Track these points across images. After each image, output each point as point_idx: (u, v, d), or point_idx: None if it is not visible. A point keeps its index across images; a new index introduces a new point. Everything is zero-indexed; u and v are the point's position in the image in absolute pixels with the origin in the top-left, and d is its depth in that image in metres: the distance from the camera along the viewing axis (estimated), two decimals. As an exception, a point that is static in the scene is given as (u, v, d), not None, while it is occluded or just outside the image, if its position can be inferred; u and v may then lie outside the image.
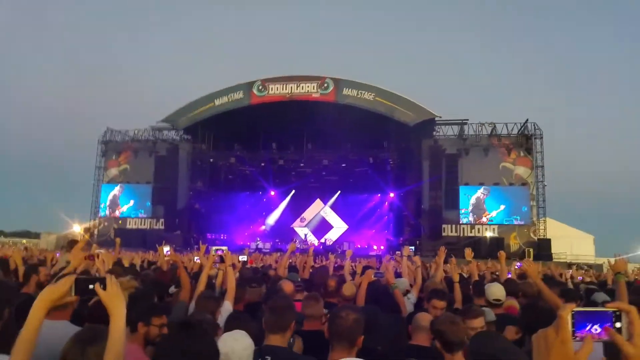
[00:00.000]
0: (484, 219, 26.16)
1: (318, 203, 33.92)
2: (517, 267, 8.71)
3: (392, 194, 29.19)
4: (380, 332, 2.49)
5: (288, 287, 4.23)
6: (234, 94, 28.49)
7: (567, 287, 5.50)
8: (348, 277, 5.90)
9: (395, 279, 5.08)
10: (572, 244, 26.59)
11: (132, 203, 30.27)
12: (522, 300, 4.54)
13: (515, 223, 25.90)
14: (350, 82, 27.33)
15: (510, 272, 6.76)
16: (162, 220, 28.99)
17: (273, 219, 33.72)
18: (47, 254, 10.52)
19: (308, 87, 27.70)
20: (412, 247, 7.07)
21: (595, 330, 0.96)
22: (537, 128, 26.40)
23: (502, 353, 1.49)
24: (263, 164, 29.83)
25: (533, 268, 4.12)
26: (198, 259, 6.74)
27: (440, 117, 26.74)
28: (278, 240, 29.42)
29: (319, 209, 33.88)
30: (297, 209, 33.86)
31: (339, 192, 32.54)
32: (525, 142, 26.48)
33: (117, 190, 30.55)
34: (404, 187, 27.90)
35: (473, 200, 26.39)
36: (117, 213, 30.38)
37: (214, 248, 4.76)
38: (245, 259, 7.35)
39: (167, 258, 5.84)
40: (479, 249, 21.44)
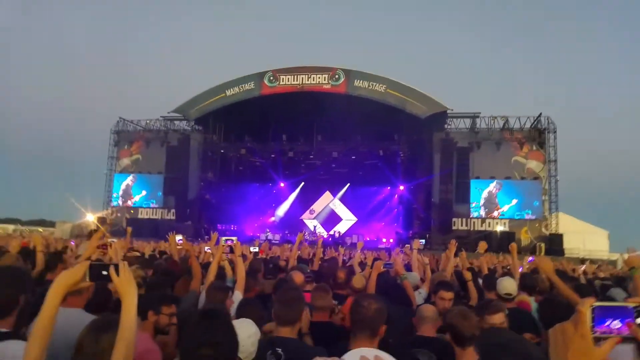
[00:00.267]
0: (496, 213, 25.97)
1: (327, 195, 33.91)
2: (529, 261, 8.65)
3: (402, 187, 29.04)
4: (391, 324, 2.49)
5: (298, 278, 4.24)
6: (245, 85, 28.45)
7: (579, 282, 5.43)
8: (357, 268, 5.90)
9: (406, 273, 5.07)
10: (585, 239, 26.21)
11: (144, 193, 30.52)
12: (537, 297, 4.52)
13: (527, 217, 25.67)
14: (362, 73, 27.12)
15: (522, 266, 6.70)
16: (173, 211, 29.24)
17: (283, 211, 33.80)
18: (64, 243, 10.68)
19: (319, 78, 27.57)
20: (422, 240, 7.04)
21: (615, 326, 0.94)
22: (550, 122, 26.06)
23: (513, 343, 1.47)
24: (273, 156, 29.84)
25: (547, 264, 4.06)
26: (209, 249, 6.77)
27: (452, 109, 26.47)
28: (287, 232, 29.50)
29: (328, 201, 33.87)
30: (306, 201, 33.88)
31: (349, 184, 32.48)
32: (538, 136, 26.14)
33: (129, 180, 30.82)
34: (414, 180, 27.75)
35: (485, 194, 26.17)
36: (129, 203, 30.67)
37: (224, 238, 4.77)
38: (257, 250, 7.38)
39: (179, 247, 5.87)
40: (490, 243, 21.23)
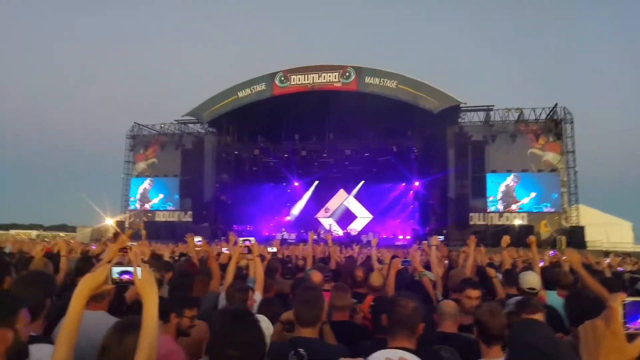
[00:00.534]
0: (514, 207, 25.63)
1: (342, 193, 33.87)
2: (550, 254, 8.50)
3: (417, 183, 28.88)
4: None
5: (317, 277, 4.23)
6: (257, 86, 28.56)
7: (604, 276, 5.32)
8: (376, 264, 5.85)
9: (424, 270, 5.02)
10: (608, 232, 25.71)
11: (161, 196, 30.83)
12: (558, 290, 4.43)
13: (545, 210, 25.26)
14: (372, 70, 27.01)
15: (543, 260, 6.59)
16: (190, 213, 29.49)
17: (297, 210, 33.88)
18: (85, 247, 10.86)
19: (329, 76, 27.53)
20: (440, 236, 6.98)
21: None
22: (567, 112, 25.59)
23: (545, 344, 1.42)
24: (286, 155, 29.89)
25: (574, 256, 3.97)
26: (227, 250, 6.80)
27: (465, 103, 26.22)
28: (303, 231, 29.52)
29: (343, 199, 33.83)
30: (321, 200, 33.90)
31: (363, 181, 32.39)
32: (555, 127, 25.70)
33: (147, 184, 31.16)
34: (429, 175, 27.55)
35: (502, 188, 25.84)
36: (147, 206, 31.00)
37: (242, 239, 4.78)
38: (275, 250, 7.39)
39: (198, 249, 5.92)
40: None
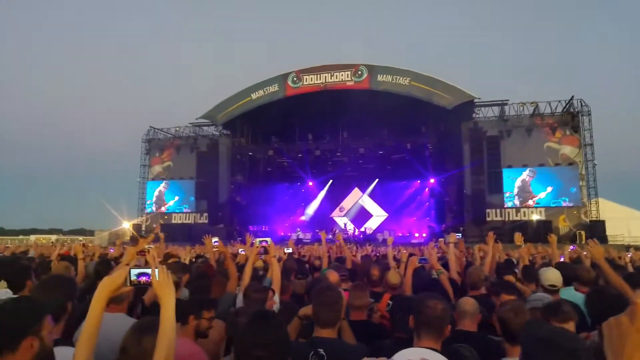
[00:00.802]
0: (531, 202, 25.29)
1: (356, 192, 33.83)
2: (570, 249, 8.35)
3: (432, 180, 28.68)
4: None
5: (333, 276, 4.22)
6: (270, 87, 28.70)
7: (627, 271, 5.22)
8: (392, 262, 5.82)
9: (441, 268, 4.99)
10: (629, 226, 25.16)
11: (176, 199, 31.17)
12: (577, 286, 4.34)
13: (564, 205, 24.86)
14: (385, 67, 26.91)
15: (563, 256, 6.49)
16: (205, 215, 29.75)
17: (312, 209, 33.93)
18: (103, 250, 11.04)
19: (342, 75, 27.52)
20: (458, 234, 6.92)
21: None
22: (584, 104, 25.16)
23: (558, 336, 1.40)
24: (300, 155, 29.97)
25: (598, 250, 3.87)
26: (243, 251, 6.84)
27: (480, 98, 25.95)
28: (318, 231, 29.46)
29: (358, 198, 33.78)
30: (335, 199, 33.92)
31: (377, 180, 32.28)
32: (571, 120, 25.30)
33: (162, 187, 31.52)
34: (445, 172, 27.36)
35: (518, 183, 25.52)
36: (163, 209, 31.36)
37: (258, 240, 4.80)
38: (291, 251, 7.40)
39: (215, 249, 5.97)
40: (526, 233, 20.66)
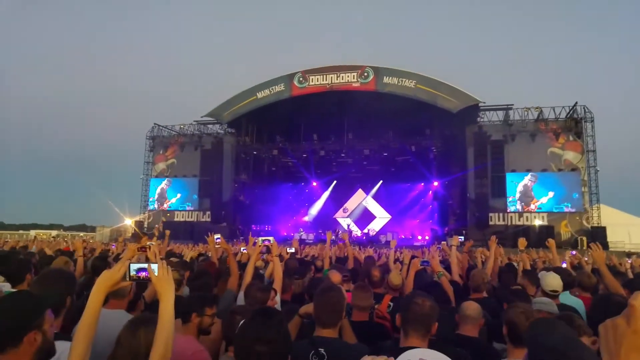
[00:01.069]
0: (532, 207, 25.23)
1: (360, 193, 33.79)
2: (571, 254, 8.34)
3: (436, 183, 28.63)
4: (438, 322, 2.44)
5: (336, 277, 4.22)
6: (276, 87, 28.71)
7: (627, 277, 5.20)
8: (392, 266, 5.83)
9: (442, 270, 4.99)
10: (630, 232, 25.13)
11: (179, 196, 31.17)
12: (579, 292, 4.34)
13: (566, 210, 24.80)
14: (391, 70, 26.88)
15: (565, 261, 6.47)
16: (208, 213, 29.73)
17: (316, 210, 33.91)
18: (105, 246, 11.10)
19: (348, 76, 27.50)
20: (461, 237, 6.88)
21: None
22: (587, 111, 25.11)
23: (564, 345, 1.39)
24: (305, 155, 29.97)
25: (600, 255, 3.85)
26: (245, 250, 6.85)
27: (485, 102, 25.91)
28: (321, 231, 29.55)
29: (361, 199, 33.74)
30: (339, 200, 33.88)
31: (381, 181, 32.24)
32: (575, 125, 25.27)
33: (164, 184, 31.54)
34: (448, 175, 27.31)
35: (520, 188, 25.47)
36: (165, 206, 31.38)
37: (261, 239, 4.81)
38: (294, 251, 7.40)
39: (217, 246, 5.98)
40: (528, 238, 20.45)
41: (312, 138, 28.60)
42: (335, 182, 32.98)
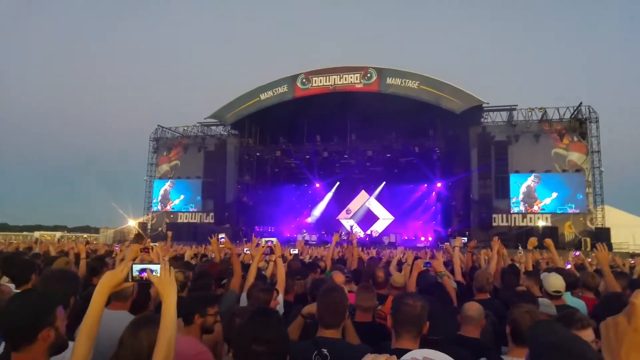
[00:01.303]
0: (536, 208, 25.16)
1: (363, 194, 33.75)
2: (575, 255, 8.32)
3: (439, 184, 28.57)
4: (441, 322, 2.44)
5: (339, 277, 4.22)
6: (279, 88, 28.75)
7: (631, 278, 5.19)
8: (394, 272, 5.82)
9: (445, 270, 4.98)
10: (634, 233, 25.00)
11: (182, 197, 31.25)
12: (580, 292, 4.32)
13: (570, 211, 24.72)
14: (394, 70, 26.88)
15: (569, 262, 6.45)
16: (211, 214, 29.78)
17: (319, 211, 33.90)
18: (109, 248, 11.14)
19: (351, 77, 27.52)
20: (464, 238, 6.90)
21: None
22: (592, 111, 25.04)
23: (565, 343, 1.39)
24: (308, 156, 29.98)
25: (604, 255, 3.83)
26: (248, 251, 6.85)
27: (488, 103, 25.89)
28: (324, 232, 29.55)
29: (364, 201, 33.71)
30: (342, 201, 33.86)
31: (384, 182, 32.23)
32: (579, 126, 25.18)
33: (168, 186, 31.62)
34: (452, 176, 27.27)
35: (523, 189, 25.41)
36: (168, 207, 31.44)
37: (265, 239, 4.81)
38: (297, 252, 7.40)
39: (222, 246, 5.98)
40: (532, 239, 20.65)
41: (315, 139, 28.61)
42: (338, 183, 32.98)
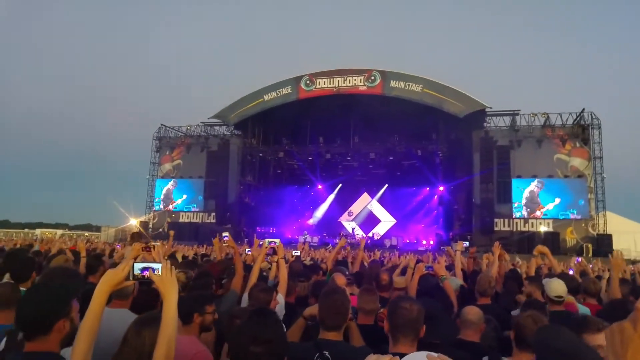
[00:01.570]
0: (538, 213, 25.12)
1: (365, 197, 33.74)
2: (576, 261, 8.30)
3: (441, 187, 28.53)
4: (441, 325, 2.43)
5: (340, 280, 4.21)
6: (283, 89, 28.76)
7: (635, 285, 5.18)
8: (396, 279, 5.82)
9: (449, 277, 4.98)
10: (636, 240, 24.95)
11: (185, 197, 31.26)
12: (582, 297, 4.31)
13: (572, 217, 24.68)
14: (397, 74, 26.90)
15: (572, 268, 6.43)
16: (213, 214, 29.76)
17: (321, 213, 33.87)
18: (108, 246, 11.15)
19: (355, 80, 27.54)
20: (465, 242, 6.90)
21: None
22: (594, 117, 25.03)
23: (572, 347, 1.39)
24: (310, 158, 29.98)
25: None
26: (250, 251, 6.84)
27: (491, 107, 25.88)
28: (326, 234, 29.56)
29: (366, 203, 33.69)
30: (344, 203, 33.84)
31: (387, 185, 32.19)
32: (582, 132, 25.19)
33: (170, 185, 31.64)
34: (454, 180, 27.24)
35: (527, 194, 25.38)
36: (170, 207, 31.45)
37: (267, 240, 4.80)
38: (299, 254, 7.39)
39: (225, 244, 5.97)
40: (533, 245, 20.61)
41: (318, 141, 28.62)
42: (341, 185, 32.98)
